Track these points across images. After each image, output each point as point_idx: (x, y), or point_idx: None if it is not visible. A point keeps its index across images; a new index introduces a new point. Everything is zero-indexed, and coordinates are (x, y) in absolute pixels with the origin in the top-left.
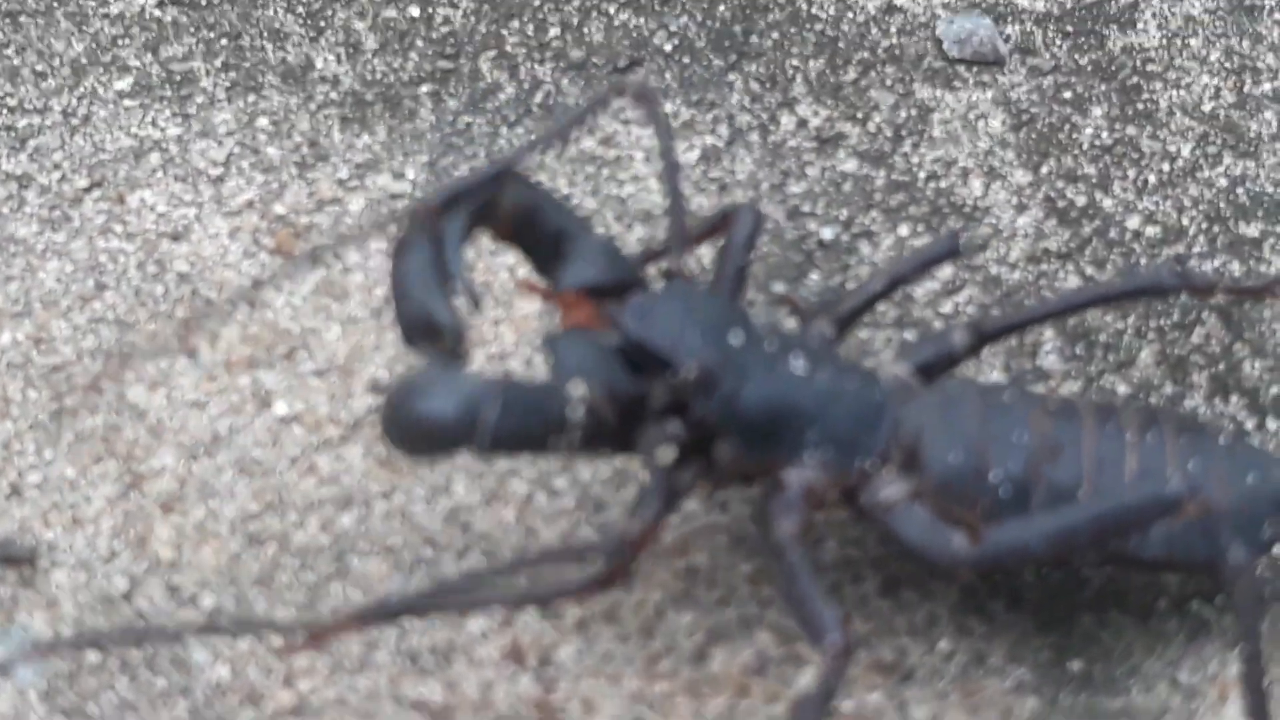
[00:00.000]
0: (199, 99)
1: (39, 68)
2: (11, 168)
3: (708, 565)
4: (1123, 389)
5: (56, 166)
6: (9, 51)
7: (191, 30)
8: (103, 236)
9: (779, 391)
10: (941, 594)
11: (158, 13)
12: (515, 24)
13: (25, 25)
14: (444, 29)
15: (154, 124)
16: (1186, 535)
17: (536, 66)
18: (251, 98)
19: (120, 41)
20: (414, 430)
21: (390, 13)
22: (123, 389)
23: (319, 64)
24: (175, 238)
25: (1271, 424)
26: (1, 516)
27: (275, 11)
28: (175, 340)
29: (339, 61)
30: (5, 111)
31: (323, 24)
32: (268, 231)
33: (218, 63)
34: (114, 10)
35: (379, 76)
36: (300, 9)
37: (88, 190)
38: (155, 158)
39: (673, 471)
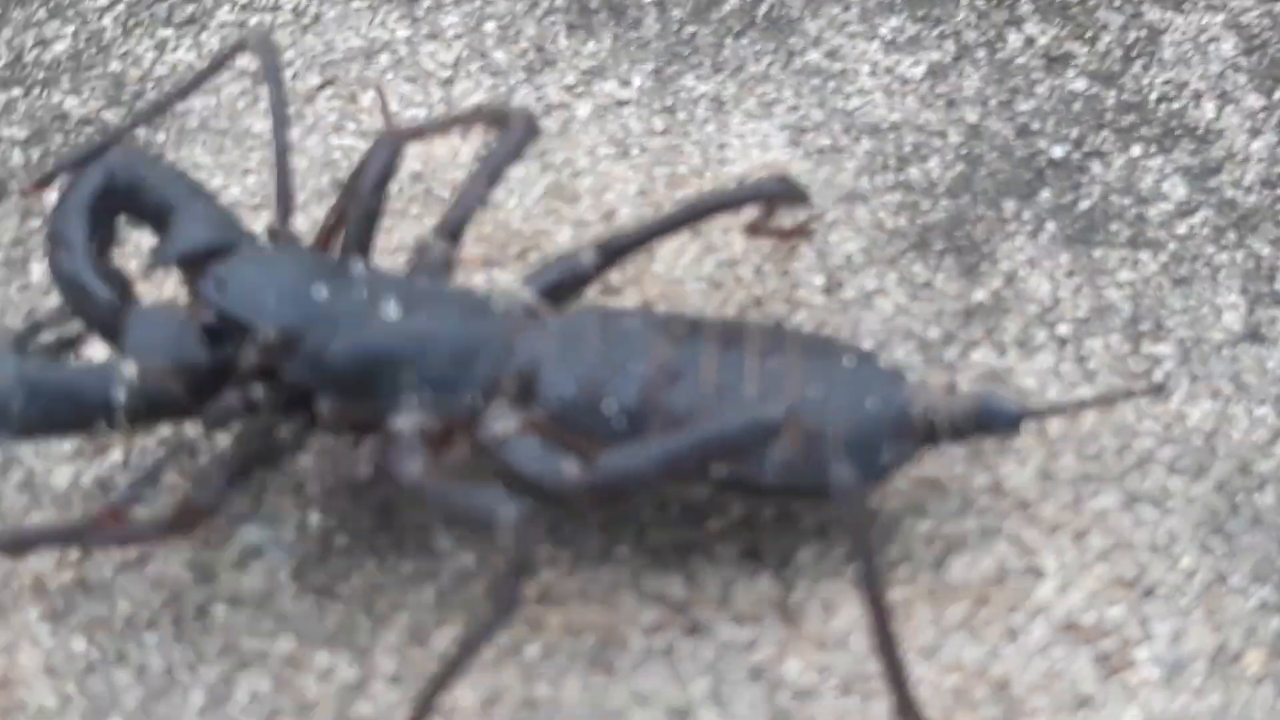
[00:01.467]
0: (426, 2)
1: None
2: (246, 63)
3: (943, 475)
4: None
5: (289, 64)
6: None
7: None
8: (336, 134)
9: (365, 341)
10: (1182, 511)
11: None
12: None
13: None
14: None
15: (383, 25)
16: (798, 463)
17: None
18: (478, 2)
19: None
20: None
21: None
22: None
23: None
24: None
25: None
26: None
27: None
28: None
29: None
30: (238, 9)
31: None
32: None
33: None
34: None
35: None
36: None
37: (320, 88)
38: (385, 58)
39: (270, 428)
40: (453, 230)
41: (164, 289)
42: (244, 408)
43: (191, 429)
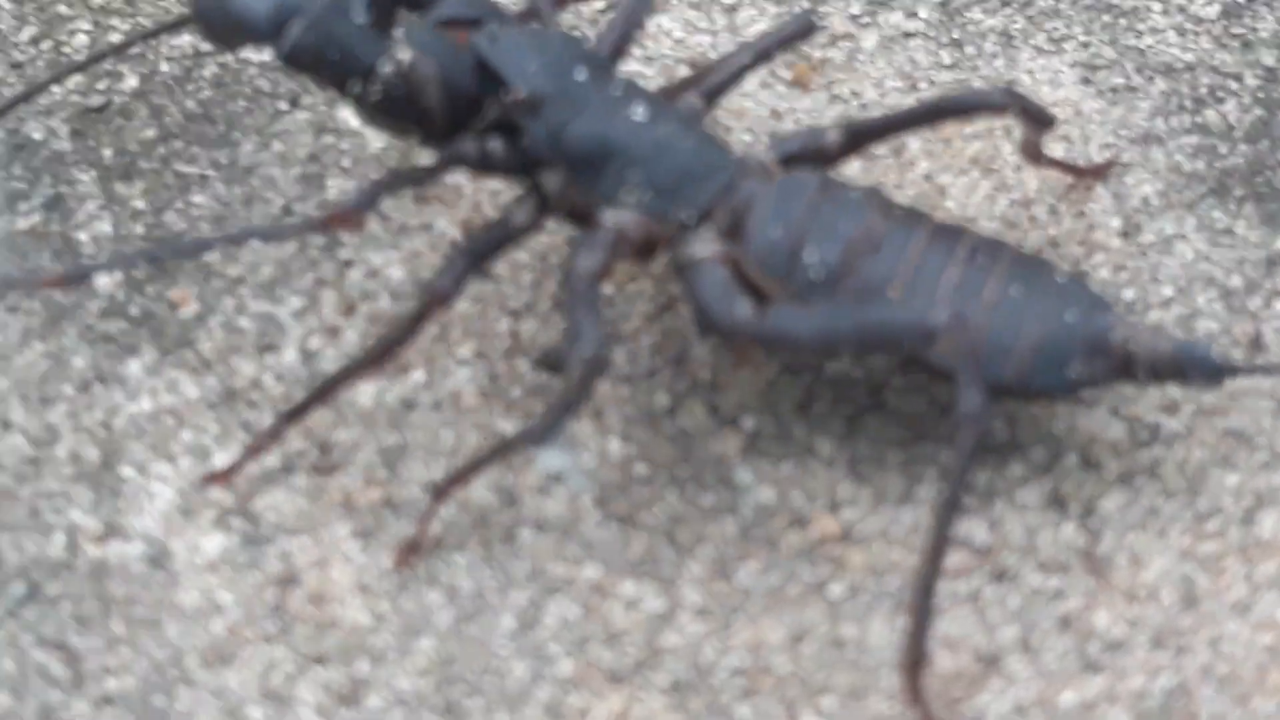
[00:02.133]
0: None
1: None
2: None
3: (1250, 428)
4: None
5: None
6: None
7: None
8: (622, 59)
9: (607, 128)
10: None
11: None
12: None
13: None
14: None
15: None
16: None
17: None
18: None
19: None
20: (221, 16)
21: None
22: None
23: None
24: (693, 65)
25: None
26: (546, 326)
27: None
28: None
29: None
30: None
31: None
32: (784, 64)
33: None
34: None
35: None
36: None
37: (604, 12)
38: None
39: (509, 211)
40: (707, 91)
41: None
42: (478, 157)
43: None
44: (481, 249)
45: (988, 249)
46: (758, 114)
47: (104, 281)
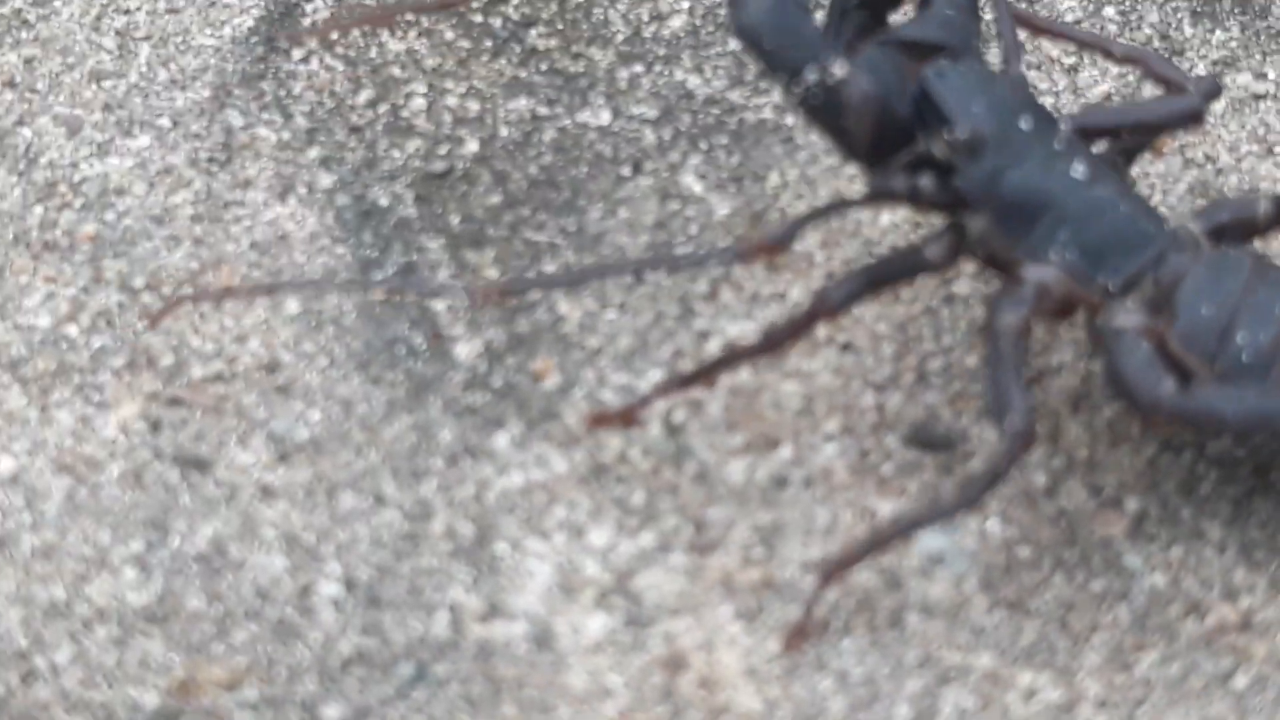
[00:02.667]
0: None
1: None
2: None
3: None
4: None
5: None
6: None
7: None
8: None
9: (1043, 181)
10: None
11: None
12: None
13: None
14: None
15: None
16: None
17: None
18: None
19: None
20: (736, 28)
21: None
22: None
23: None
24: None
25: None
26: (911, 401)
27: None
28: None
29: None
30: None
31: None
32: None
33: None
34: None
35: None
36: None
37: None
38: None
39: (924, 243)
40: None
41: None
42: (906, 190)
43: None
44: (884, 273)
45: None
46: None
47: (464, 352)
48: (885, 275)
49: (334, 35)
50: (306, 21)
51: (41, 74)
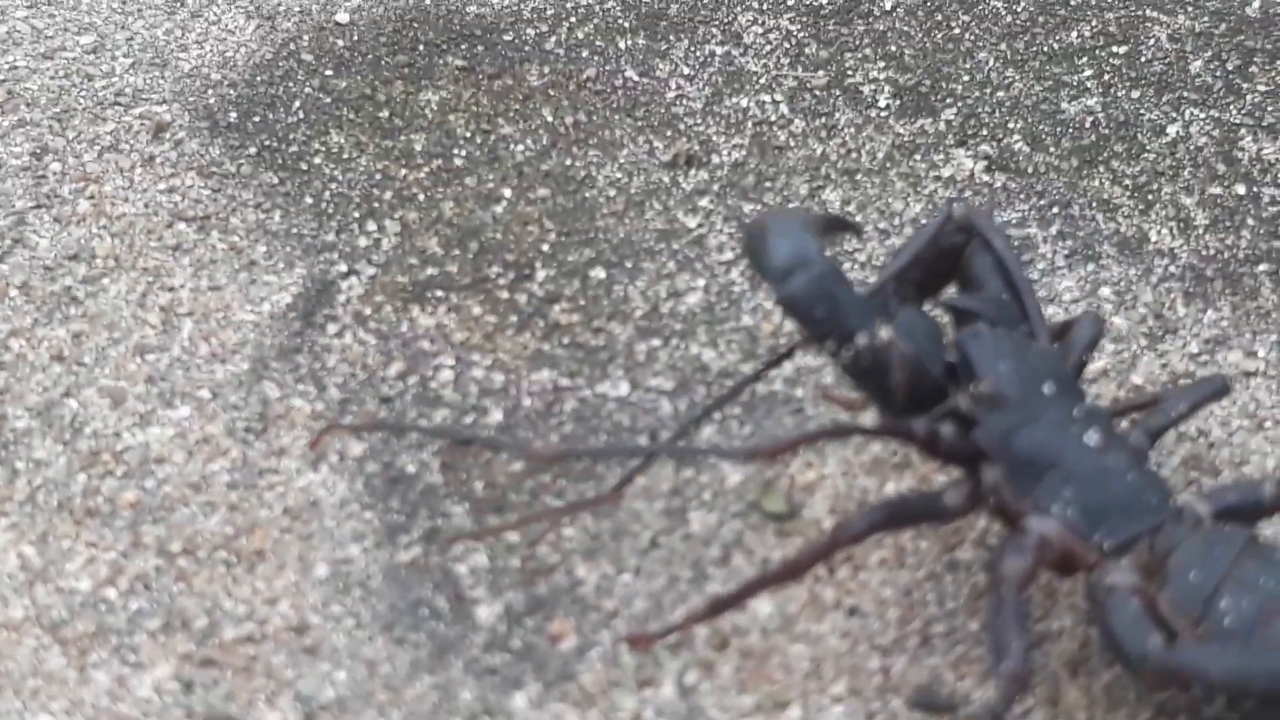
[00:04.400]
0: (1040, 265)
1: (881, 225)
2: None
3: None
4: None
5: None
6: (850, 208)
7: (1022, 197)
8: None
9: (1055, 441)
10: None
11: (986, 178)
12: None
13: (862, 184)
14: (1272, 209)
15: None
16: None
17: None
18: (1092, 266)
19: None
20: (750, 253)
21: (1215, 190)
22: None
23: (1153, 237)
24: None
25: None
26: (915, 664)
27: (1101, 183)
28: None
29: (1172, 236)
30: (857, 267)
31: (1150, 198)
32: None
33: (1053, 230)
34: (945, 173)
35: (1213, 253)
36: (1126, 182)
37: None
38: None
39: (944, 490)
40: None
41: None
42: (926, 437)
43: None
44: (903, 511)
45: None
46: None
47: (485, 614)
48: (904, 514)
49: (367, 311)
50: (342, 299)
51: (89, 348)
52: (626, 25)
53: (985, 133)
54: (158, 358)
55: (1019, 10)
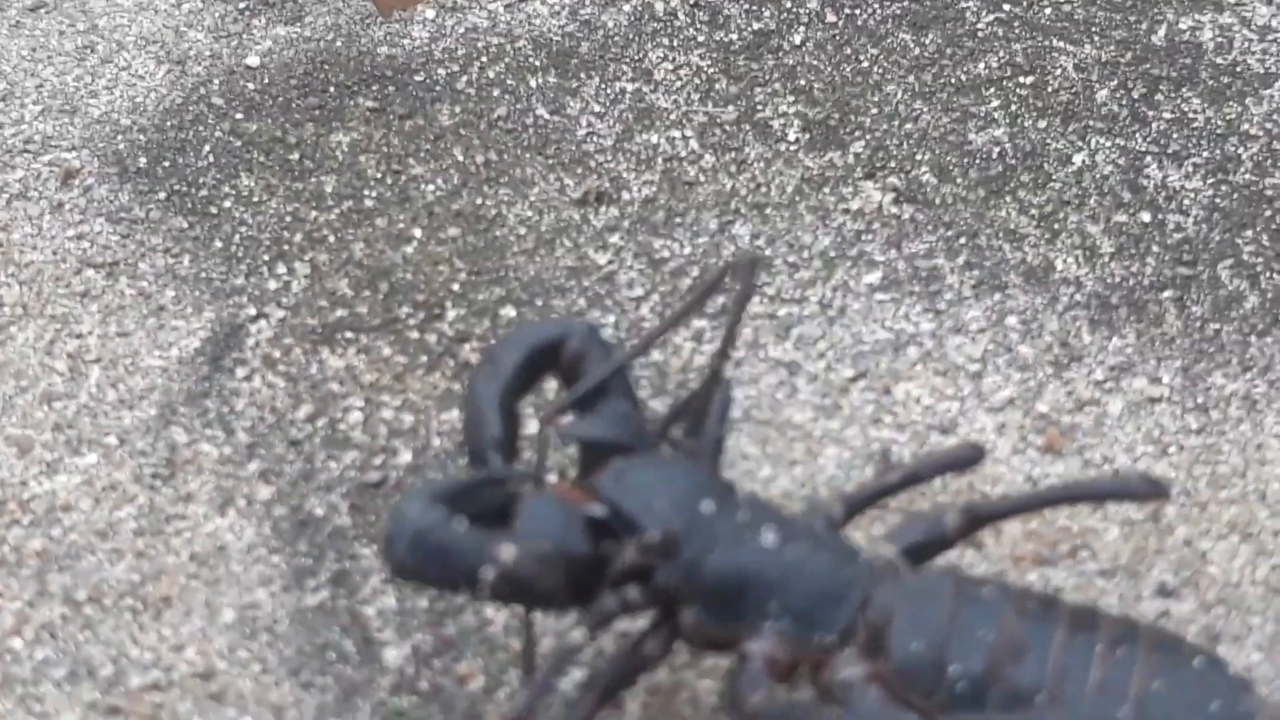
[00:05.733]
0: (948, 295)
1: (790, 259)
2: (779, 354)
3: None
4: None
5: (821, 355)
6: (760, 242)
7: (930, 228)
8: (874, 426)
9: (741, 561)
10: None
11: (894, 209)
12: (1249, 233)
13: (771, 218)
14: (1176, 235)
15: (906, 318)
16: None
17: (1277, 276)
18: (998, 296)
19: (864, 237)
20: (389, 559)
21: (1121, 217)
22: None
23: (1059, 266)
24: (944, 430)
25: None
26: None
27: (1008, 213)
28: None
29: (1078, 264)
30: (766, 300)
31: (1056, 226)
32: (1033, 429)
33: (959, 260)
34: (853, 206)
35: (1118, 280)
36: (1033, 211)
37: (853, 380)
38: (913, 351)
39: (640, 642)
40: (850, 506)
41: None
42: (620, 608)
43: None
44: (613, 680)
45: (1124, 636)
46: (1011, 479)
47: (393, 656)
48: (614, 683)
49: (276, 354)
50: (251, 342)
51: None
52: (537, 64)
53: (894, 165)
54: (65, 405)
55: (926, 43)
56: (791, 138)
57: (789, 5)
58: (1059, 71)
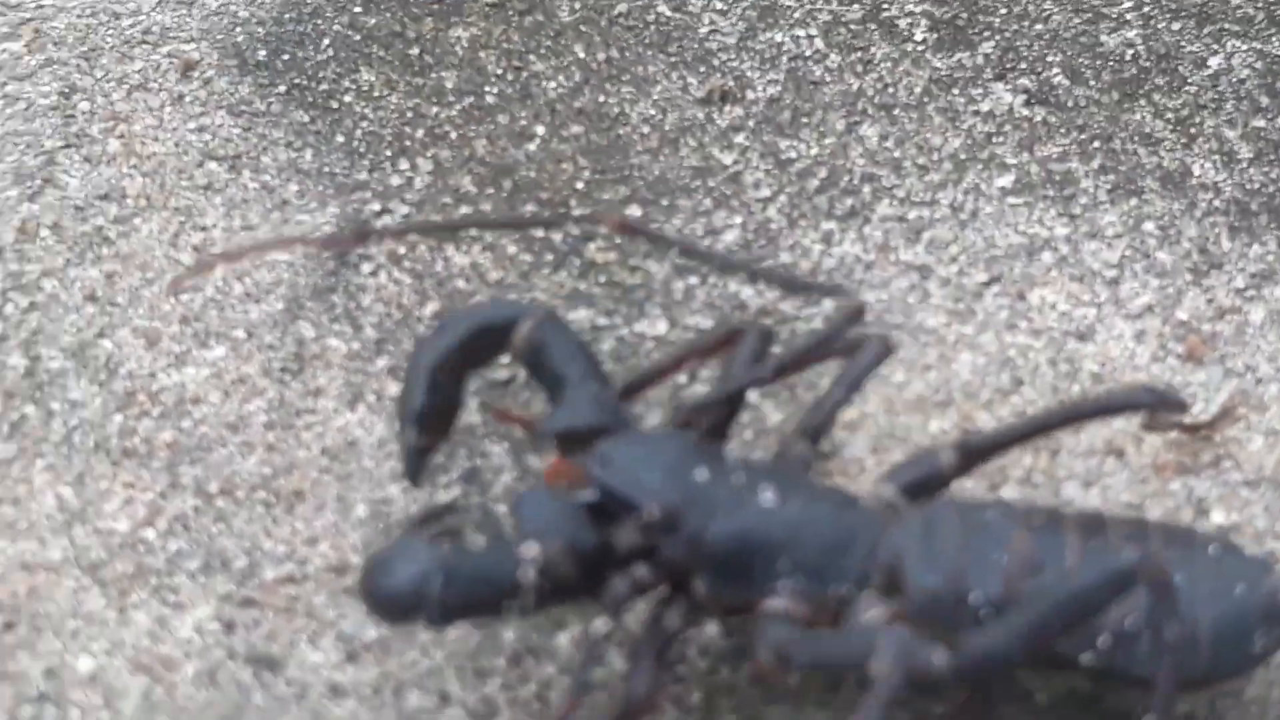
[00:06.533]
0: (1082, 200)
1: (920, 161)
2: (910, 258)
3: None
4: None
5: (953, 259)
6: (889, 144)
7: (1062, 131)
8: (1009, 331)
9: (744, 526)
10: None
11: (1025, 112)
12: None
13: (899, 119)
14: None
15: (1040, 222)
16: (1172, 648)
17: None
18: (1134, 201)
19: (995, 139)
20: (378, 605)
21: (1259, 122)
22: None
23: (1196, 171)
24: (1080, 337)
25: None
26: None
27: (1143, 116)
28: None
29: (1215, 170)
30: (896, 202)
31: (1192, 131)
32: (1173, 337)
33: (1094, 164)
34: (984, 108)
35: (1257, 186)
36: (1168, 115)
37: (987, 285)
38: (1048, 256)
39: (659, 618)
40: (812, 433)
41: None
42: (633, 589)
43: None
44: (649, 655)
45: (1135, 535)
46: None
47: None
48: (656, 655)
49: (401, 250)
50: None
51: (121, 288)
52: None
53: (1024, 66)
54: (192, 298)
55: None
56: (919, 37)
57: None
58: None
